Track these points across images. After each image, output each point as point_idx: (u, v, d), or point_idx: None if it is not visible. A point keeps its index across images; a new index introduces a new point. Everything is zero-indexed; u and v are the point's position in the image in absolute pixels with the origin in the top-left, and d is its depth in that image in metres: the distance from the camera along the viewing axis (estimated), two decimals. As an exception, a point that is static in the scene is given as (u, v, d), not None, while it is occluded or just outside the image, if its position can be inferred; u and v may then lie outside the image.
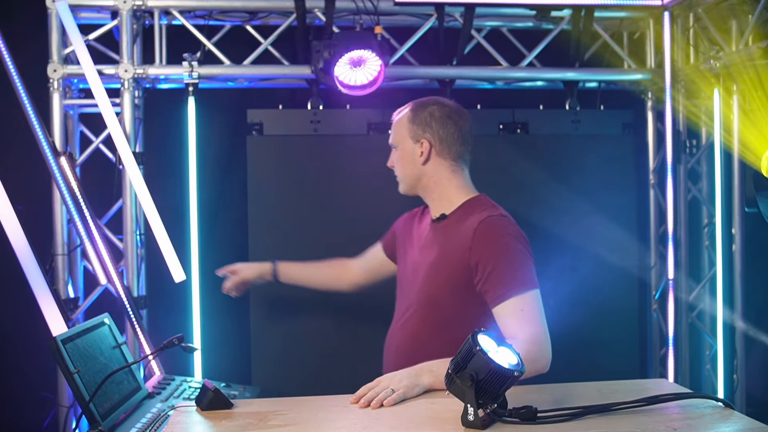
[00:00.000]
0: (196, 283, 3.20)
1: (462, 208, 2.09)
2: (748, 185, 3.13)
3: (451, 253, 2.00)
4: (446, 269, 2.00)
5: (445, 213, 2.11)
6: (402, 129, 2.16)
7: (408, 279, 2.16)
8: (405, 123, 2.16)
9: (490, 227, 1.95)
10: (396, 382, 1.68)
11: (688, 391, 1.70)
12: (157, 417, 1.99)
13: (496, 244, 1.93)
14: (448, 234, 2.05)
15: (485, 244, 1.93)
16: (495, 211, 2.02)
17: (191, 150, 3.24)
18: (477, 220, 1.98)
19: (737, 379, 3.54)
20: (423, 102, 2.17)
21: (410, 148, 2.14)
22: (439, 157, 2.13)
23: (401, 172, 2.19)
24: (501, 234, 1.95)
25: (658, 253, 3.68)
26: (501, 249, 1.92)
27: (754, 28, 3.18)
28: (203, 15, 3.34)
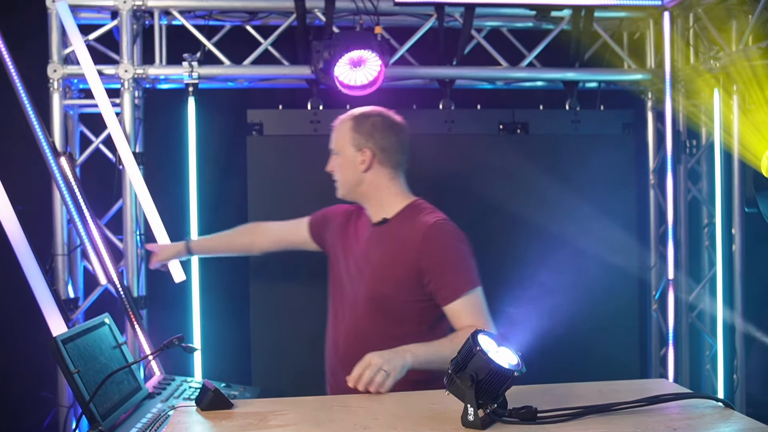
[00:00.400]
0: (196, 283, 3.20)
1: (403, 212, 2.23)
2: (748, 185, 3.13)
3: (400, 254, 2.14)
4: (395, 269, 2.14)
5: (386, 217, 2.23)
6: (344, 136, 2.26)
7: (352, 277, 2.25)
8: (347, 131, 2.25)
9: (439, 232, 2.12)
10: (386, 362, 1.80)
11: (688, 391, 1.70)
12: (157, 417, 1.99)
13: (446, 247, 2.11)
14: (393, 237, 2.18)
15: (436, 247, 2.10)
16: (439, 215, 2.19)
17: (191, 150, 3.24)
18: (425, 224, 2.13)
19: (737, 379, 3.54)
20: (366, 112, 2.28)
21: (352, 156, 2.24)
22: (379, 165, 2.24)
23: (341, 178, 2.28)
24: (449, 238, 2.13)
25: (658, 253, 3.68)
26: (450, 252, 2.11)
27: (754, 28, 3.18)
28: (203, 15, 3.34)
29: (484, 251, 3.41)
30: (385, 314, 2.16)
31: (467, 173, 3.37)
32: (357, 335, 2.19)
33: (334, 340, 2.29)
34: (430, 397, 1.69)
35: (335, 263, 2.35)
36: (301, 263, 3.28)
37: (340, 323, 2.27)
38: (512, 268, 3.25)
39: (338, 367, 2.22)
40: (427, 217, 2.17)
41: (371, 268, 2.19)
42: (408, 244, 2.13)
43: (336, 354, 2.27)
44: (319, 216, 2.54)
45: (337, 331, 2.28)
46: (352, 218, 2.38)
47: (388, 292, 2.15)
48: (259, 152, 3.32)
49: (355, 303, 2.22)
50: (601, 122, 3.58)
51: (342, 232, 2.37)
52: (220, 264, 3.42)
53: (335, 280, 2.34)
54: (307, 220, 2.56)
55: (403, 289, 2.14)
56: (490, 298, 2.12)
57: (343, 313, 2.27)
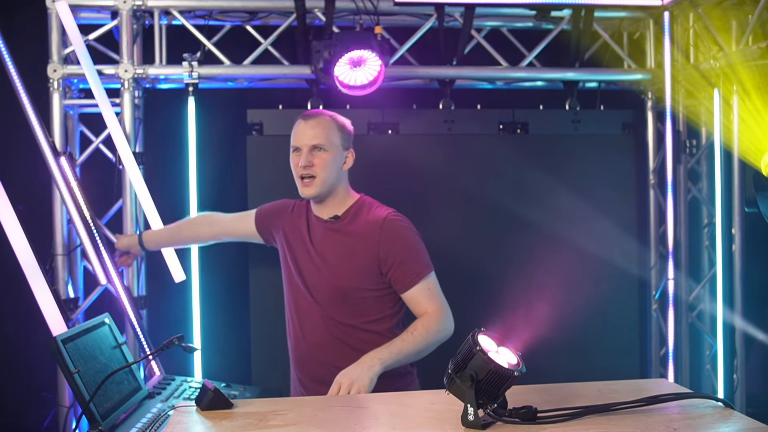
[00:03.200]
0: (196, 283, 3.20)
1: (353, 208, 2.31)
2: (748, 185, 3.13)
3: (358, 247, 2.24)
4: (355, 262, 2.23)
5: (337, 214, 2.30)
6: (334, 134, 2.29)
7: (310, 272, 2.29)
8: (335, 130, 2.30)
9: (394, 224, 2.25)
10: (355, 380, 1.98)
11: (688, 391, 1.70)
12: (157, 417, 1.99)
13: (401, 238, 2.24)
14: (348, 232, 2.27)
15: (392, 239, 2.22)
16: (389, 209, 2.30)
17: (191, 150, 3.24)
18: (380, 218, 2.25)
19: (737, 379, 3.54)
20: (334, 114, 2.36)
21: (340, 155, 2.30)
22: (348, 168, 2.34)
23: (327, 175, 2.26)
24: (403, 229, 2.26)
25: (658, 253, 3.68)
26: (406, 243, 2.24)
27: (754, 28, 3.18)
28: (203, 15, 3.34)
29: (484, 251, 3.44)
30: (348, 305, 2.25)
31: (467, 173, 3.37)
32: (323, 327, 2.26)
33: (298, 333, 2.33)
34: (430, 397, 1.69)
35: (289, 257, 2.37)
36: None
37: (303, 317, 2.31)
38: (512, 268, 3.26)
39: (304, 360, 2.32)
40: (380, 211, 2.28)
41: (330, 264, 2.26)
42: (366, 238, 2.23)
43: (300, 347, 2.33)
44: (266, 209, 2.56)
45: (301, 324, 2.32)
46: (300, 214, 2.41)
47: (350, 284, 2.23)
48: (259, 152, 3.32)
49: (316, 297, 2.28)
50: (601, 122, 3.58)
51: (293, 226, 2.40)
52: (220, 264, 3.42)
53: (290, 275, 2.37)
54: (254, 213, 2.58)
55: (363, 280, 2.23)
56: (490, 297, 2.13)
57: (304, 307, 2.31)
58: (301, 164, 2.26)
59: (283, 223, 2.44)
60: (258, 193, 3.29)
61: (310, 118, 2.31)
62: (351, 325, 2.25)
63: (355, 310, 2.25)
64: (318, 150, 2.26)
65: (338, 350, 2.23)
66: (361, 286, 2.24)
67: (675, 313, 3.49)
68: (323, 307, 2.27)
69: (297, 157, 2.29)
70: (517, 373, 1.44)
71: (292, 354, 2.39)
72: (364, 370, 2.02)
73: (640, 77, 3.57)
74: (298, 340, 2.34)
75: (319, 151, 2.26)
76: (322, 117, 2.32)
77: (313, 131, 2.27)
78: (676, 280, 3.49)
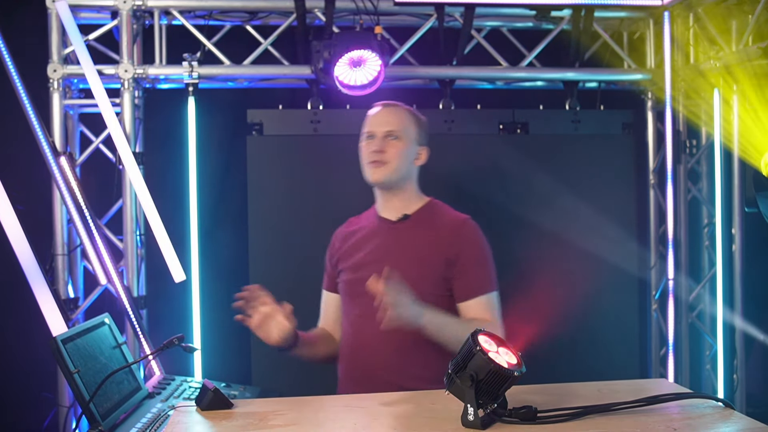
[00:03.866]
0: (196, 283, 3.20)
1: (424, 210, 2.22)
2: (748, 185, 3.13)
3: (429, 249, 2.13)
4: (425, 265, 2.12)
5: (407, 213, 2.20)
6: (410, 125, 2.20)
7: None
8: (411, 124, 2.20)
9: (472, 229, 2.17)
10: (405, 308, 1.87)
11: (688, 391, 1.70)
12: (157, 417, 1.99)
13: (476, 245, 2.15)
14: (418, 233, 2.16)
15: (467, 242, 2.14)
16: (463, 215, 2.21)
17: (191, 150, 3.24)
18: (457, 219, 2.18)
19: (737, 379, 3.54)
20: (412, 108, 2.26)
21: (414, 148, 2.21)
22: (420, 164, 2.25)
23: (398, 164, 2.16)
24: (479, 237, 2.17)
25: (658, 253, 3.68)
26: (479, 251, 2.15)
27: (754, 28, 3.18)
28: (203, 15, 3.34)
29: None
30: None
31: (467, 173, 3.37)
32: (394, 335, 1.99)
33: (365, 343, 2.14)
34: (430, 397, 1.69)
35: (352, 271, 2.21)
36: (301, 263, 3.29)
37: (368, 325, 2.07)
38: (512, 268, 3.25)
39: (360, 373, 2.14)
40: (456, 214, 2.20)
41: (399, 267, 2.03)
42: (438, 239, 2.13)
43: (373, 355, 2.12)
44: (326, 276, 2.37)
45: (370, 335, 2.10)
46: (358, 224, 2.31)
47: (425, 289, 2.07)
48: (259, 152, 3.32)
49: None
50: (601, 122, 3.58)
51: (347, 245, 2.27)
52: (220, 264, 3.42)
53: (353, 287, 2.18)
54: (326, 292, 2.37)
55: (432, 285, 2.11)
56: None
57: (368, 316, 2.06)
58: (373, 149, 2.15)
59: (336, 256, 2.30)
60: (258, 193, 3.29)
61: (387, 106, 2.23)
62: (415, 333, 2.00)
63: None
64: (392, 138, 2.16)
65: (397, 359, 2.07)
66: (429, 291, 2.09)
67: (675, 313, 3.49)
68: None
69: (369, 143, 2.18)
70: (517, 373, 1.44)
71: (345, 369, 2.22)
72: (415, 308, 1.91)
73: (640, 77, 3.57)
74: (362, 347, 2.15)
75: (393, 139, 2.16)
76: (399, 107, 2.24)
77: (389, 118, 2.19)
78: (676, 280, 3.49)
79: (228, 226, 3.52)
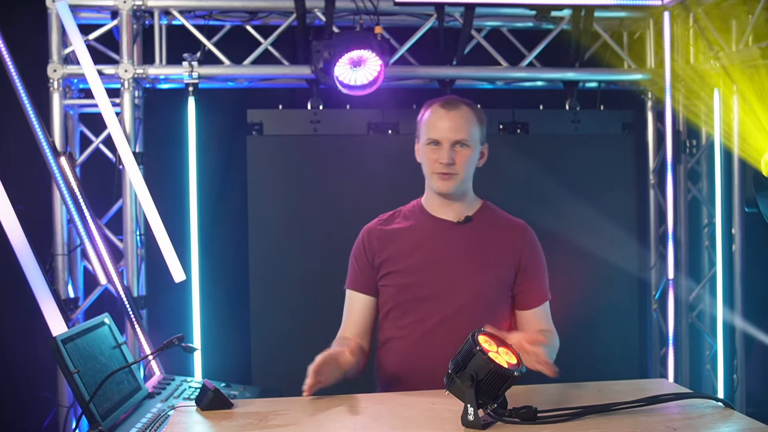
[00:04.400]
0: (196, 283, 3.20)
1: (482, 211, 2.13)
2: (748, 185, 3.13)
3: (500, 254, 2.07)
4: (497, 269, 2.06)
5: (468, 215, 2.09)
6: (475, 128, 2.05)
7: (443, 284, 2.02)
8: (475, 123, 2.06)
9: (536, 237, 2.13)
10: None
11: (688, 391, 1.70)
12: (157, 417, 1.99)
13: (540, 253, 2.12)
14: (484, 235, 2.08)
15: (534, 250, 2.11)
16: (520, 219, 2.17)
17: (191, 150, 3.24)
18: (522, 225, 2.13)
19: (737, 379, 3.54)
20: (472, 103, 2.10)
21: (477, 149, 2.08)
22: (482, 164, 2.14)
23: (468, 173, 2.06)
24: (540, 245, 2.14)
25: (658, 253, 3.68)
26: (542, 258, 2.13)
27: (754, 28, 3.18)
28: (203, 15, 3.34)
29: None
30: (487, 316, 1.94)
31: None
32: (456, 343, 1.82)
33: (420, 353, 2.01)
34: (430, 397, 1.69)
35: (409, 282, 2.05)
36: (301, 263, 3.29)
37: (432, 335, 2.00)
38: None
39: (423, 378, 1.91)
40: (514, 218, 2.16)
41: (468, 270, 2.03)
42: (508, 244, 2.08)
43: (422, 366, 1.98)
44: (359, 275, 2.14)
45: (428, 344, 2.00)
46: (393, 225, 2.13)
47: (491, 293, 2.03)
48: (259, 152, 3.32)
49: (451, 308, 2.00)
50: (601, 122, 3.58)
51: (395, 245, 2.08)
52: (220, 264, 3.42)
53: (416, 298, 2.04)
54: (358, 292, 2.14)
55: (499, 288, 2.06)
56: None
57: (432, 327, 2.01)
58: (443, 161, 2.00)
59: (377, 255, 2.09)
60: (258, 193, 3.29)
61: (452, 108, 2.03)
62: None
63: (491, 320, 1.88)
64: (460, 146, 2.02)
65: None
66: (499, 296, 2.05)
67: (675, 313, 3.49)
68: (458, 318, 1.98)
69: (436, 151, 2.02)
70: (517, 373, 1.44)
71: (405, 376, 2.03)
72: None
73: (640, 77, 3.57)
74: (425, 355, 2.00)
75: (461, 147, 2.02)
76: (463, 107, 2.05)
77: (457, 124, 2.02)
78: (676, 280, 3.49)
79: (228, 226, 3.52)
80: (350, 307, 2.15)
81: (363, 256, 2.12)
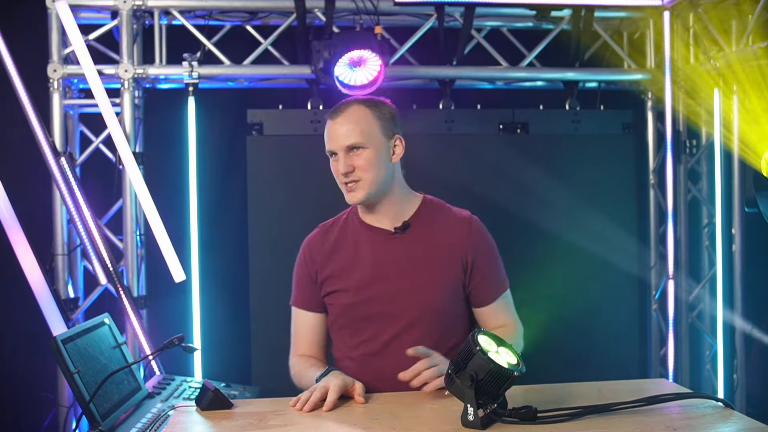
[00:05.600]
0: (196, 283, 3.20)
1: (421, 212, 1.96)
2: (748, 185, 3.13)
3: (441, 256, 1.91)
4: (442, 276, 1.91)
5: (406, 221, 1.93)
6: (370, 124, 1.88)
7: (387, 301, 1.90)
8: (371, 119, 1.89)
9: (479, 227, 1.98)
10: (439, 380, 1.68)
11: (688, 391, 1.70)
12: (157, 417, 1.99)
13: (487, 244, 1.98)
14: (425, 238, 1.92)
15: (480, 243, 1.96)
16: (465, 210, 2.02)
17: (191, 150, 3.24)
18: (465, 218, 1.97)
19: (737, 379, 3.54)
20: (372, 99, 1.96)
21: (384, 146, 1.90)
22: (399, 158, 1.95)
23: (371, 176, 1.87)
24: (487, 234, 2.00)
25: (658, 253, 3.68)
26: (491, 249, 1.99)
27: (754, 28, 3.17)
28: (203, 15, 3.34)
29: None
30: (440, 327, 1.90)
31: (467, 173, 3.37)
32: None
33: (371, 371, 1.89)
34: (430, 397, 1.69)
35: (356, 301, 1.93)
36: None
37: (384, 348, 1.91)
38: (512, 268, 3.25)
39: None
40: (457, 211, 1.98)
41: (412, 280, 1.89)
42: (449, 243, 1.91)
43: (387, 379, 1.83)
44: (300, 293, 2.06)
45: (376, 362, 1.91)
46: (330, 237, 2.01)
47: (441, 305, 1.91)
48: (259, 152, 3.32)
49: (399, 325, 1.90)
50: (601, 122, 3.58)
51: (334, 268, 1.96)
52: (220, 264, 3.42)
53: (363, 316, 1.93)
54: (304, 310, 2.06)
55: (451, 293, 1.92)
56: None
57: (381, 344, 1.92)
58: (341, 171, 1.87)
59: (319, 270, 1.98)
60: (258, 193, 3.29)
61: (338, 114, 1.89)
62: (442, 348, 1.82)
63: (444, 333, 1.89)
64: (356, 149, 1.87)
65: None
66: (450, 305, 1.92)
67: (675, 313, 3.49)
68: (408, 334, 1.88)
69: (335, 162, 1.90)
70: (517, 373, 1.44)
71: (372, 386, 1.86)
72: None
73: (640, 77, 3.57)
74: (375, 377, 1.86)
75: (357, 150, 1.87)
76: (353, 107, 1.90)
77: (344, 128, 1.87)
78: (676, 280, 3.49)
79: (228, 226, 3.52)
80: (298, 324, 2.07)
81: (306, 272, 2.02)
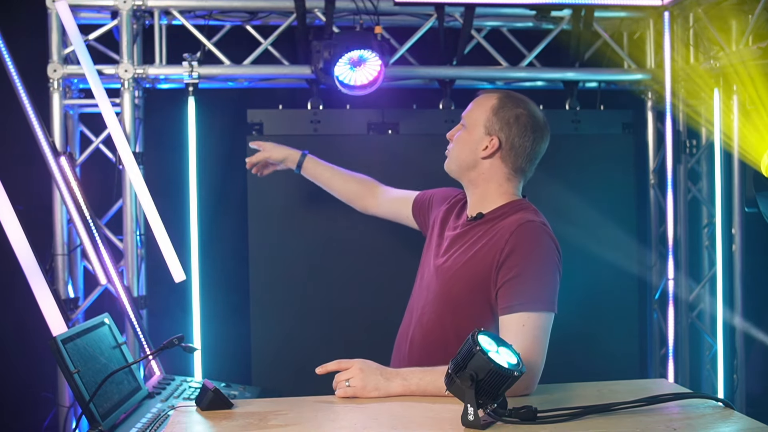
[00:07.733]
0: (196, 283, 3.20)
1: (500, 208, 1.96)
2: (748, 185, 3.13)
3: (483, 250, 1.88)
4: (474, 266, 1.87)
5: (482, 212, 1.98)
6: (481, 114, 1.99)
7: (430, 274, 2.01)
8: (487, 110, 1.99)
9: (529, 232, 1.84)
10: (360, 378, 1.72)
11: (688, 391, 1.70)
12: (157, 417, 1.99)
13: (529, 251, 1.82)
14: (482, 234, 1.92)
15: (519, 246, 1.81)
16: (537, 217, 1.91)
17: (191, 150, 3.24)
18: (516, 221, 1.86)
19: (737, 379, 3.54)
20: (515, 98, 2.04)
21: (477, 137, 1.98)
22: (500, 160, 1.97)
23: (457, 153, 2.02)
24: (537, 243, 1.84)
25: (658, 253, 3.68)
26: (532, 258, 1.81)
27: (754, 28, 3.18)
28: (203, 15, 3.34)
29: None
30: (455, 320, 1.90)
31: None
32: (424, 336, 1.95)
33: (402, 336, 2.06)
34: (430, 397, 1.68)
35: (426, 254, 2.11)
36: (301, 262, 3.29)
37: (412, 319, 2.03)
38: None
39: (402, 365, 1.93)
40: (525, 214, 1.90)
41: (451, 271, 1.93)
42: (494, 239, 1.86)
43: (401, 349, 2.05)
44: (425, 196, 2.31)
45: (407, 329, 2.04)
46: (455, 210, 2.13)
47: (460, 293, 1.90)
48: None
49: (426, 302, 1.99)
50: (601, 122, 3.58)
51: (442, 222, 2.12)
52: (220, 264, 3.42)
53: (421, 273, 2.09)
54: (413, 197, 2.35)
55: (476, 289, 1.85)
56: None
57: (415, 311, 2.04)
58: (447, 134, 2.08)
59: (436, 209, 2.19)
60: (258, 193, 3.29)
61: (480, 95, 2.08)
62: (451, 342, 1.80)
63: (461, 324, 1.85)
64: (461, 124, 2.05)
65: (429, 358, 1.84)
66: (470, 296, 1.87)
67: (675, 313, 3.49)
68: (429, 314, 1.96)
69: None
70: (517, 373, 1.44)
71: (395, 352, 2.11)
72: (380, 379, 1.70)
73: (640, 77, 3.57)
74: (400, 339, 2.07)
75: (461, 126, 2.05)
76: (488, 94, 2.05)
77: (471, 105, 2.05)
78: (676, 280, 3.49)
79: (228, 226, 3.52)
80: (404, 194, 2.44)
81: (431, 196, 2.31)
